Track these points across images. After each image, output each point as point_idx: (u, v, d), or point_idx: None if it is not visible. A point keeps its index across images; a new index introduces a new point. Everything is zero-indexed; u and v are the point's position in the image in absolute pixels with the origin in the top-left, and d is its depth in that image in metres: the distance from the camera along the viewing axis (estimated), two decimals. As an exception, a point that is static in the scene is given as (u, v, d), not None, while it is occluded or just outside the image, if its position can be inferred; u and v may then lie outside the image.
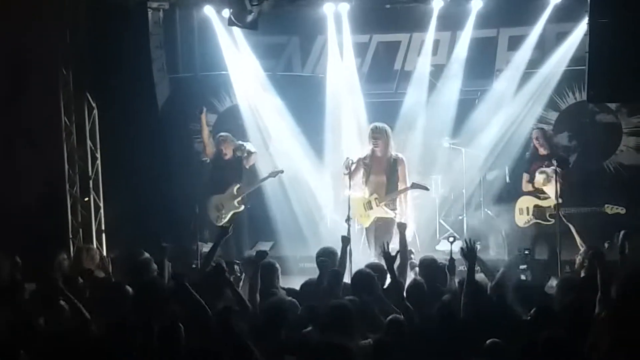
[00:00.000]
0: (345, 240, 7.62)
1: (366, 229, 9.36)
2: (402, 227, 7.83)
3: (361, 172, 9.14)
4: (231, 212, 10.07)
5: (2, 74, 9.89)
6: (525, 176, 9.68)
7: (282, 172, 10.22)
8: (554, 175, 8.98)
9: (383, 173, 9.26)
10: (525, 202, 9.65)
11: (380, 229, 9.24)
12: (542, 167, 9.44)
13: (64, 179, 9.73)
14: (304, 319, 6.22)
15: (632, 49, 8.26)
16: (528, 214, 9.58)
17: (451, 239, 7.74)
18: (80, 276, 7.18)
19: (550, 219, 9.31)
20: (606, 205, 8.93)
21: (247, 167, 10.20)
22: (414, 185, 9.47)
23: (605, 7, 8.32)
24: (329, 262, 7.33)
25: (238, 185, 10.07)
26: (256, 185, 10.23)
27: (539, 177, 9.38)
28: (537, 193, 9.51)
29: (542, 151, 9.62)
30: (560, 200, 8.94)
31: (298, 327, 6.08)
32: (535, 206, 9.52)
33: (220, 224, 9.92)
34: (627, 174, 10.96)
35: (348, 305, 6.00)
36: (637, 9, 8.20)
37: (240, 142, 10.21)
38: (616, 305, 5.84)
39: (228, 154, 10.08)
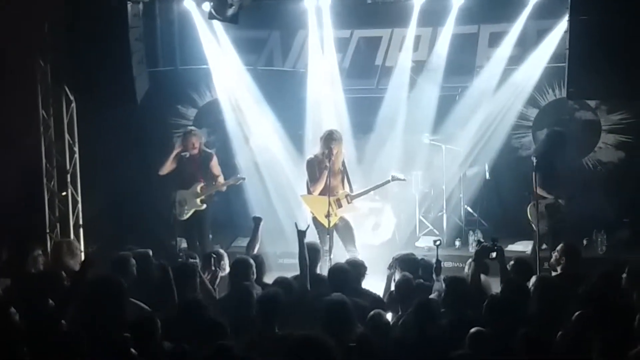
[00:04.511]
0: (301, 234, 7.49)
1: (335, 227, 9.24)
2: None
3: (324, 174, 9.10)
4: (193, 209, 9.94)
5: (-21, 66, 9.77)
6: None
7: (243, 179, 10.17)
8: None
9: (339, 174, 9.28)
10: None
11: (343, 229, 9.26)
12: None
13: (41, 173, 9.65)
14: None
15: (611, 46, 8.30)
16: None
17: (438, 243, 7.77)
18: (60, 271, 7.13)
19: None
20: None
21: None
22: (393, 178, 9.47)
23: (585, 5, 8.36)
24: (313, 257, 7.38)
25: (202, 184, 9.93)
26: (217, 188, 10.03)
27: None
28: None
29: None
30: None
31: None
32: None
33: (183, 218, 9.89)
34: (605, 171, 11.01)
35: (346, 301, 6.00)
36: (616, 7, 8.24)
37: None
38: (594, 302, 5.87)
39: (196, 149, 9.94)
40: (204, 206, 9.94)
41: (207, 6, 9.46)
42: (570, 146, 10.34)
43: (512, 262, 7.15)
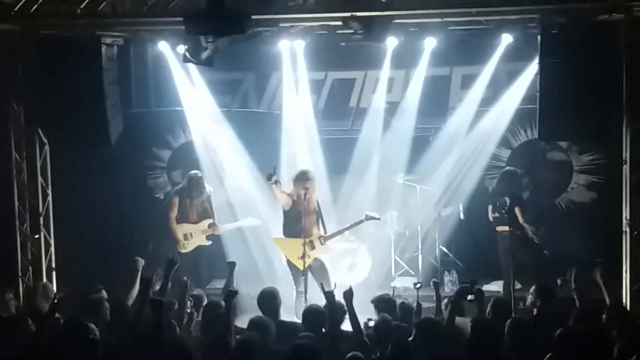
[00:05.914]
0: (232, 265, 7.73)
1: (310, 269, 9.24)
2: (348, 295, 6.93)
3: (294, 216, 9.10)
4: (197, 244, 10.15)
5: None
6: None
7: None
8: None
9: (314, 214, 9.29)
10: None
11: (317, 270, 9.24)
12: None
13: (14, 216, 9.55)
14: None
15: (581, 88, 8.42)
16: None
17: (418, 285, 7.77)
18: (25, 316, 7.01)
19: None
20: None
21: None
22: (367, 217, 9.50)
23: (555, 47, 8.49)
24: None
25: (211, 222, 10.18)
26: (228, 228, 10.36)
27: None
28: None
29: None
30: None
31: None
32: None
33: (183, 251, 10.05)
34: (578, 211, 11.10)
35: (313, 345, 5.94)
36: (586, 49, 8.38)
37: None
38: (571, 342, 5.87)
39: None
40: (209, 243, 10.18)
41: (181, 49, 9.49)
42: (530, 184, 10.52)
43: (490, 303, 7.14)
